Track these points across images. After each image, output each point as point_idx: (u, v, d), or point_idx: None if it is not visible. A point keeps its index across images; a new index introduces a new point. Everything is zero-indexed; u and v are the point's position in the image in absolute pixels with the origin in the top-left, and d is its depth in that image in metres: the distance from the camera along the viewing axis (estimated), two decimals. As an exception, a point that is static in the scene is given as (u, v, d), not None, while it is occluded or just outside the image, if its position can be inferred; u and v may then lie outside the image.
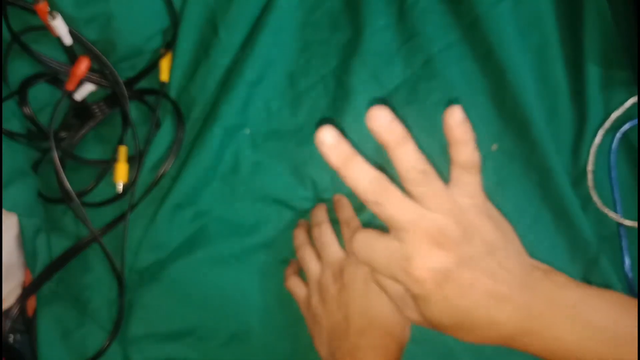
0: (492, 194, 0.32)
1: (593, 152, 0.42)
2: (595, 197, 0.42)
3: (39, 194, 0.46)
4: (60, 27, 0.41)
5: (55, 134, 0.44)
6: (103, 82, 0.45)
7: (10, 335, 0.46)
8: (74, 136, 0.46)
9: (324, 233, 0.42)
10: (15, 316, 0.43)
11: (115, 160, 0.46)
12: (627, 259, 0.42)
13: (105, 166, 0.46)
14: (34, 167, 0.46)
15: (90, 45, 0.44)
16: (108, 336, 0.44)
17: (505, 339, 0.28)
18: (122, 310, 0.44)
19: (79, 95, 0.45)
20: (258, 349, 0.45)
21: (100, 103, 0.46)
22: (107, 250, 0.44)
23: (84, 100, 0.46)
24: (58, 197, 0.45)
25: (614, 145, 0.42)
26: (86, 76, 0.44)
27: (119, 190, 0.46)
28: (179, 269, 0.45)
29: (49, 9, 0.40)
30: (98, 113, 0.46)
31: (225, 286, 0.45)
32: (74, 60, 0.44)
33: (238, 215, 0.46)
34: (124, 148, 0.46)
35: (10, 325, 0.43)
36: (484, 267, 0.27)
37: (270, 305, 0.45)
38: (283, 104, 0.46)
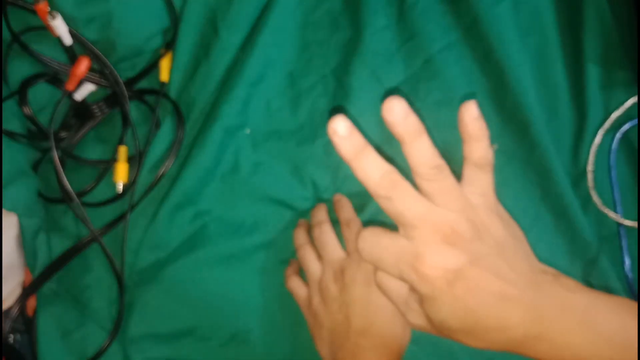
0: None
1: (593, 152, 0.42)
2: (595, 197, 0.42)
3: (39, 194, 0.46)
4: (60, 27, 0.41)
5: (55, 134, 0.44)
6: (103, 82, 0.45)
7: (10, 335, 0.46)
8: (74, 136, 0.47)
9: (324, 233, 0.42)
10: (15, 316, 0.43)
11: (115, 160, 0.46)
12: (627, 259, 0.42)
13: (105, 166, 0.46)
14: (34, 167, 0.46)
15: (90, 45, 0.44)
16: (108, 336, 0.44)
17: (514, 344, 0.27)
18: (122, 310, 0.44)
19: (79, 95, 0.45)
20: (258, 349, 0.45)
21: (100, 103, 0.46)
22: (107, 250, 0.44)
23: (84, 100, 0.46)
24: (58, 197, 0.45)
25: (614, 145, 0.42)
26: (86, 76, 0.44)
27: (119, 190, 0.46)
28: (179, 269, 0.45)
29: (49, 9, 0.40)
30: (98, 113, 0.46)
31: (225, 286, 0.45)
32: (74, 60, 0.44)
33: (238, 215, 0.46)
34: (124, 148, 0.46)
35: (10, 325, 0.43)
36: (494, 268, 0.26)
37: (270, 305, 0.45)
38: (283, 103, 0.46)
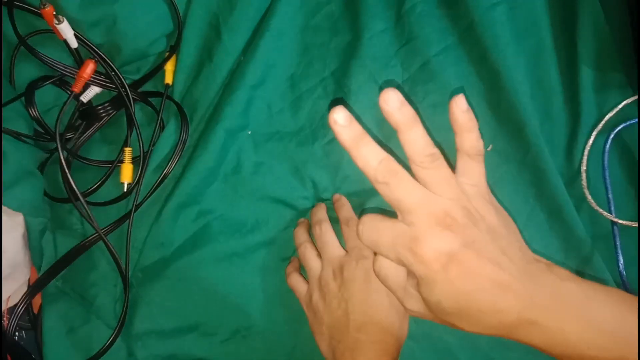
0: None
1: (587, 153, 0.42)
2: (589, 197, 0.42)
3: (45, 193, 0.46)
4: (66, 31, 0.42)
5: (61, 135, 0.45)
6: (108, 85, 0.46)
7: (16, 332, 0.47)
8: (80, 137, 0.47)
9: (324, 231, 0.43)
10: (21, 313, 0.44)
11: (121, 161, 0.46)
12: (621, 258, 0.42)
13: (111, 167, 0.47)
14: (41, 168, 0.47)
15: (95, 49, 0.44)
16: (113, 332, 0.45)
17: (507, 329, 0.28)
18: (127, 307, 0.45)
19: (85, 97, 0.46)
20: (260, 345, 0.46)
21: (106, 105, 0.47)
22: (112, 249, 0.45)
23: (89, 102, 0.47)
24: (64, 197, 0.46)
25: (608, 146, 0.42)
26: (92, 79, 0.45)
27: (124, 190, 0.46)
28: (182, 267, 0.46)
29: (54, 13, 0.41)
30: (103, 115, 0.47)
31: (227, 283, 0.46)
32: (79, 62, 0.45)
33: (240, 214, 0.46)
34: (129, 149, 0.47)
35: (16, 323, 0.44)
36: (488, 253, 0.27)
37: (271, 302, 0.46)
38: (284, 106, 0.47)
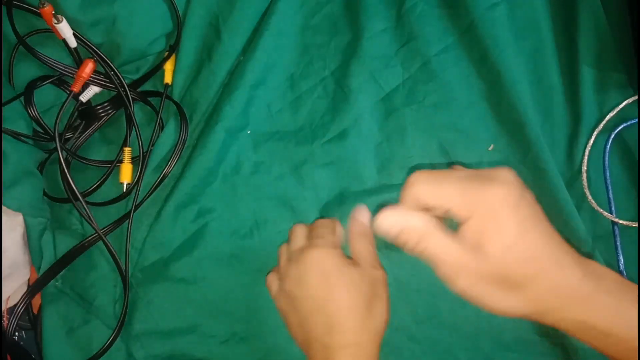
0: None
1: (587, 153, 0.42)
2: (590, 197, 0.42)
3: (45, 193, 0.46)
4: (65, 30, 0.42)
5: (60, 135, 0.45)
6: (108, 85, 0.46)
7: (16, 332, 0.47)
8: (79, 137, 0.47)
9: (296, 229, 0.41)
10: (21, 314, 0.44)
11: (120, 161, 0.46)
12: (622, 258, 0.42)
13: (110, 166, 0.47)
14: (40, 168, 0.47)
15: (94, 48, 0.44)
16: (112, 333, 0.44)
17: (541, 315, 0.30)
18: (126, 308, 0.45)
19: (84, 97, 0.46)
20: (258, 347, 0.45)
21: (105, 105, 0.47)
22: (112, 249, 0.45)
23: (89, 101, 0.47)
24: (63, 197, 0.46)
25: (608, 146, 0.42)
26: (91, 78, 0.45)
27: (124, 190, 0.46)
28: (181, 267, 0.46)
29: (54, 12, 0.41)
30: (103, 114, 0.47)
31: (226, 284, 0.46)
32: (79, 62, 0.45)
33: (239, 214, 0.46)
34: (129, 149, 0.47)
35: (16, 323, 0.44)
36: None
37: (269, 304, 0.45)
38: (284, 105, 0.47)
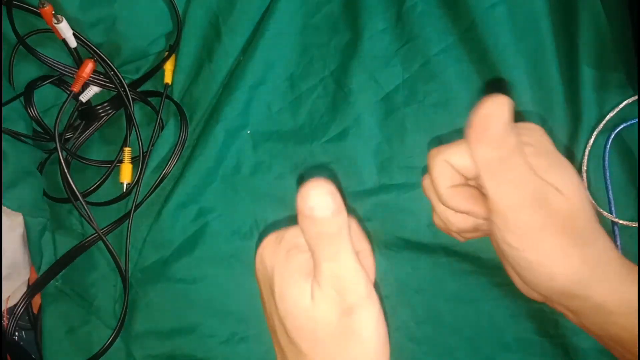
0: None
1: (587, 153, 0.42)
2: (590, 197, 0.42)
3: (45, 193, 0.46)
4: (65, 30, 0.42)
5: (60, 135, 0.45)
6: (108, 85, 0.46)
7: (16, 333, 0.47)
8: (79, 137, 0.47)
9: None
10: (21, 314, 0.44)
11: (120, 161, 0.46)
12: (622, 258, 0.42)
13: (110, 167, 0.47)
14: (40, 168, 0.47)
15: (94, 48, 0.44)
16: (112, 333, 0.45)
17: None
18: (126, 308, 0.45)
19: (84, 97, 0.46)
20: (257, 347, 0.45)
21: (105, 105, 0.47)
22: (112, 249, 0.45)
23: (89, 101, 0.47)
24: (63, 197, 0.46)
25: (608, 146, 0.42)
26: (91, 78, 0.45)
27: (124, 190, 0.46)
28: (181, 268, 0.46)
29: (54, 12, 0.41)
30: (103, 114, 0.47)
31: (226, 285, 0.46)
32: (79, 62, 0.45)
33: (239, 214, 0.46)
34: (128, 149, 0.47)
35: (16, 323, 0.44)
36: None
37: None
38: (283, 105, 0.47)
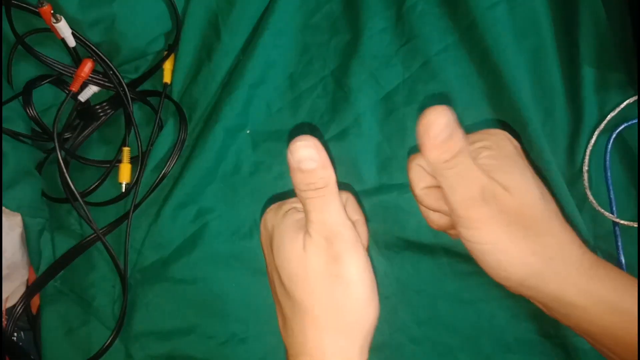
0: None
1: (588, 153, 0.42)
2: (591, 197, 0.42)
3: (43, 193, 0.46)
4: (64, 29, 0.42)
5: (59, 134, 0.45)
6: (107, 84, 0.45)
7: (15, 333, 0.46)
8: (78, 137, 0.47)
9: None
10: (20, 314, 0.44)
11: (119, 161, 0.46)
12: (623, 258, 0.42)
13: (109, 166, 0.47)
14: (39, 168, 0.47)
15: (93, 48, 0.44)
16: (111, 333, 0.44)
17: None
18: (125, 308, 0.45)
19: (82, 97, 0.46)
20: (257, 348, 0.45)
21: (104, 104, 0.47)
22: (111, 249, 0.45)
23: (87, 101, 0.47)
24: (62, 197, 0.46)
25: (609, 146, 0.42)
26: (90, 78, 0.44)
27: (123, 190, 0.46)
28: (180, 268, 0.45)
29: (52, 12, 0.40)
30: (102, 114, 0.47)
31: (225, 285, 0.46)
32: (78, 62, 0.45)
33: (239, 214, 0.46)
34: (127, 149, 0.47)
35: (14, 323, 0.44)
36: None
37: (269, 305, 0.45)
38: (283, 105, 0.47)
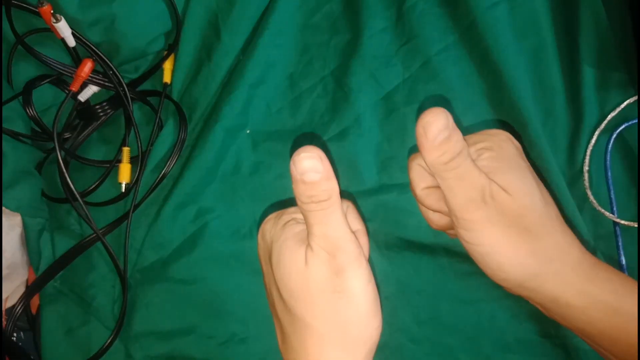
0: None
1: (589, 153, 0.42)
2: (591, 197, 0.42)
3: (43, 193, 0.46)
4: (63, 29, 0.42)
5: (59, 134, 0.45)
6: (106, 84, 0.45)
7: (14, 333, 0.46)
8: (78, 137, 0.47)
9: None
10: (19, 314, 0.43)
11: (119, 161, 0.46)
12: (623, 259, 0.42)
13: (109, 166, 0.47)
14: (38, 167, 0.47)
15: (93, 48, 0.44)
16: (111, 333, 0.44)
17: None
18: (125, 308, 0.45)
19: (82, 97, 0.46)
20: (256, 349, 0.45)
21: (104, 104, 0.47)
22: (111, 249, 0.45)
23: (87, 101, 0.47)
24: (62, 197, 0.46)
25: (610, 146, 0.42)
26: (90, 78, 0.44)
27: (123, 190, 0.46)
28: (180, 268, 0.45)
29: (52, 12, 0.40)
30: (101, 114, 0.47)
31: (225, 285, 0.46)
32: (77, 62, 0.45)
33: (238, 214, 0.46)
34: (127, 149, 0.47)
35: (14, 323, 0.43)
36: None
37: (268, 305, 0.46)
38: (283, 105, 0.47)
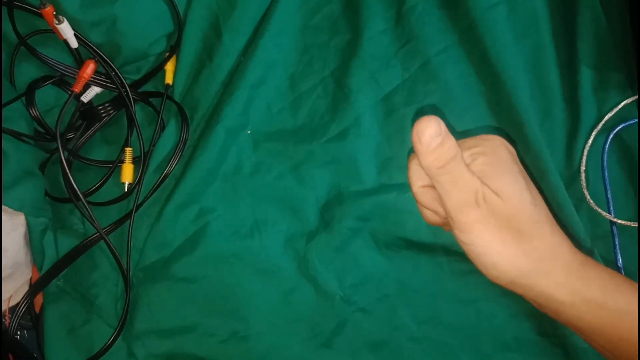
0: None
1: (586, 153, 0.42)
2: (589, 197, 0.42)
3: (46, 193, 0.46)
4: (66, 31, 0.42)
5: (62, 135, 0.45)
6: (109, 85, 0.46)
7: (18, 332, 0.47)
8: (81, 137, 0.47)
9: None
10: (23, 313, 0.44)
11: (121, 161, 0.47)
12: (620, 258, 0.42)
13: (112, 167, 0.47)
14: (41, 167, 0.47)
15: (95, 49, 0.44)
16: (113, 332, 0.45)
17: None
18: (127, 307, 0.45)
19: (85, 98, 0.46)
20: (258, 346, 0.46)
21: (106, 105, 0.47)
22: (113, 248, 0.45)
23: (90, 102, 0.47)
24: (65, 197, 0.46)
25: (607, 146, 0.42)
26: (92, 79, 0.45)
27: (125, 190, 0.46)
28: (182, 267, 0.46)
29: (55, 13, 0.41)
30: (104, 115, 0.47)
31: (226, 284, 0.46)
32: (80, 62, 0.45)
33: (239, 214, 0.46)
34: (130, 149, 0.47)
35: (17, 322, 0.44)
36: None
37: (270, 304, 0.46)
38: (284, 105, 0.47)
